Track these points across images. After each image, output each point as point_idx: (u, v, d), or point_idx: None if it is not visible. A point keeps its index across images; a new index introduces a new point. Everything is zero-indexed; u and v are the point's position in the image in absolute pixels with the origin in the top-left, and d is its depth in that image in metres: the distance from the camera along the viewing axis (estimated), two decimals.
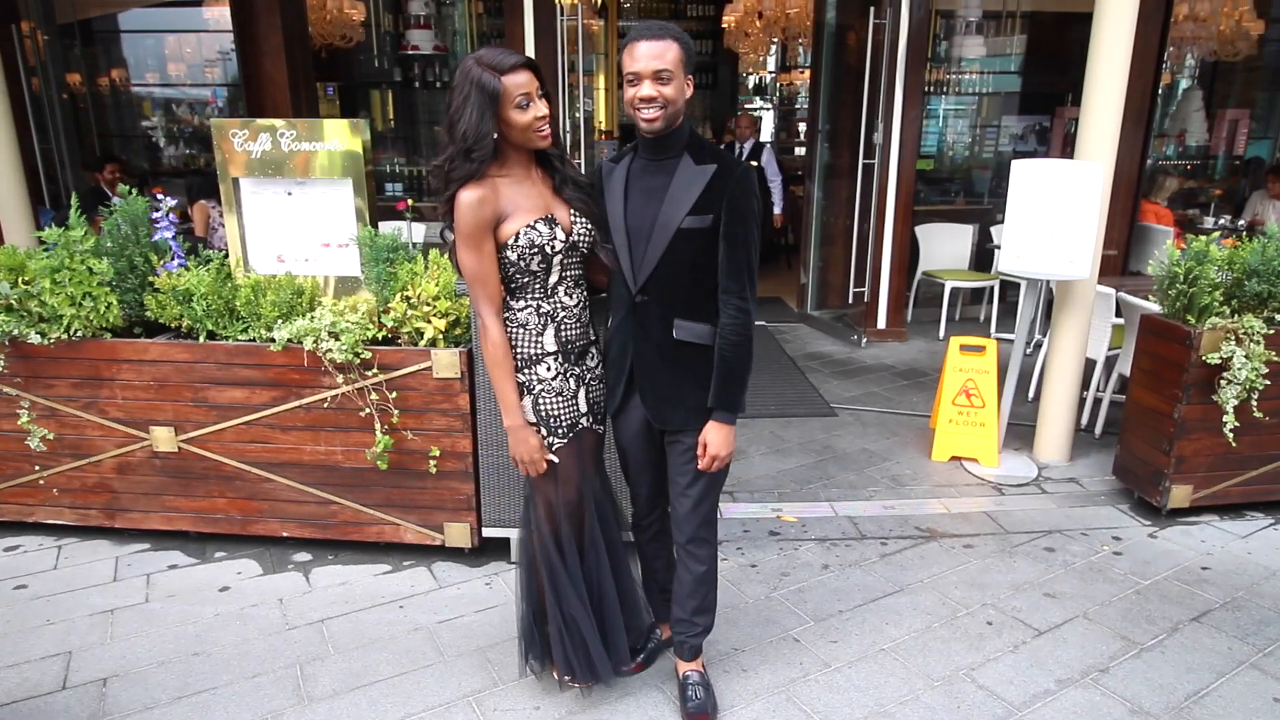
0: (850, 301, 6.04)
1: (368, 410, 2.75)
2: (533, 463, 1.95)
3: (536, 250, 1.85)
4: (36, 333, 2.81)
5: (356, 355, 2.66)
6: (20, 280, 2.87)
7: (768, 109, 11.63)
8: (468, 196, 1.78)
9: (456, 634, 2.50)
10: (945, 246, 6.28)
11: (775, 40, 9.19)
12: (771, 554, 2.98)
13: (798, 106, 11.19)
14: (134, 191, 2.96)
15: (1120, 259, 5.77)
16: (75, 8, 7.67)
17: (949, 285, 5.89)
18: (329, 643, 2.46)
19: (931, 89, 6.69)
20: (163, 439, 2.92)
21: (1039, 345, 4.83)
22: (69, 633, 2.52)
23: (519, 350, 1.94)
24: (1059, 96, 6.79)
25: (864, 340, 5.77)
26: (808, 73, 8.95)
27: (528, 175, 1.90)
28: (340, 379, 2.72)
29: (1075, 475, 3.67)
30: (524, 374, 1.95)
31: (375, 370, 2.71)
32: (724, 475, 2.08)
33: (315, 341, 2.66)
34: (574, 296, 1.97)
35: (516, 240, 1.84)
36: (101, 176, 5.90)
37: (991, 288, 6.07)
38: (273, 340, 2.69)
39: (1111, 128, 3.41)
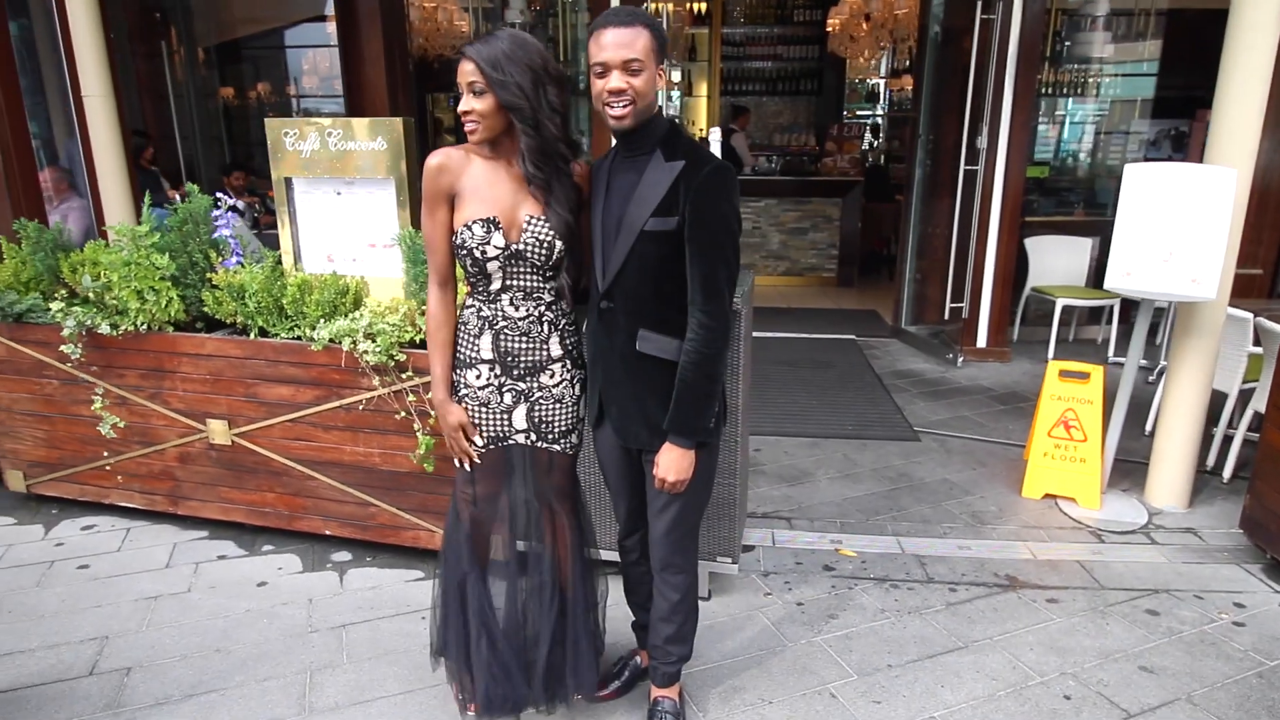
0: (947, 317, 5.61)
1: (404, 413, 2.70)
2: (452, 438, 1.93)
3: (465, 252, 1.79)
4: (109, 324, 2.93)
5: (391, 358, 2.62)
6: (103, 273, 3.01)
7: (878, 116, 11.13)
8: (433, 160, 1.79)
9: None
10: (1059, 260, 5.73)
11: (885, 45, 8.76)
12: (822, 592, 2.72)
13: (909, 113, 10.65)
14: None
15: (1268, 279, 5.07)
16: (217, 29, 8.34)
17: (1060, 303, 5.35)
18: (345, 650, 2.41)
19: (1050, 91, 6.14)
20: (218, 431, 2.99)
21: (1164, 372, 4.29)
22: (111, 617, 2.59)
23: (458, 351, 1.92)
24: (1200, 100, 6.06)
25: (960, 359, 5.33)
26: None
27: (508, 164, 1.81)
28: (376, 381, 2.68)
29: (1193, 525, 3.19)
30: (456, 374, 1.93)
31: (410, 373, 2.65)
32: (702, 500, 1.92)
33: (353, 342, 2.64)
34: (521, 309, 1.86)
35: (455, 236, 1.80)
36: (230, 182, 6.37)
37: (1110, 307, 5.48)
38: (312, 339, 2.69)
39: (1250, 128, 2.95)
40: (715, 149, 2.53)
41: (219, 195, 2.94)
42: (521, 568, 2.00)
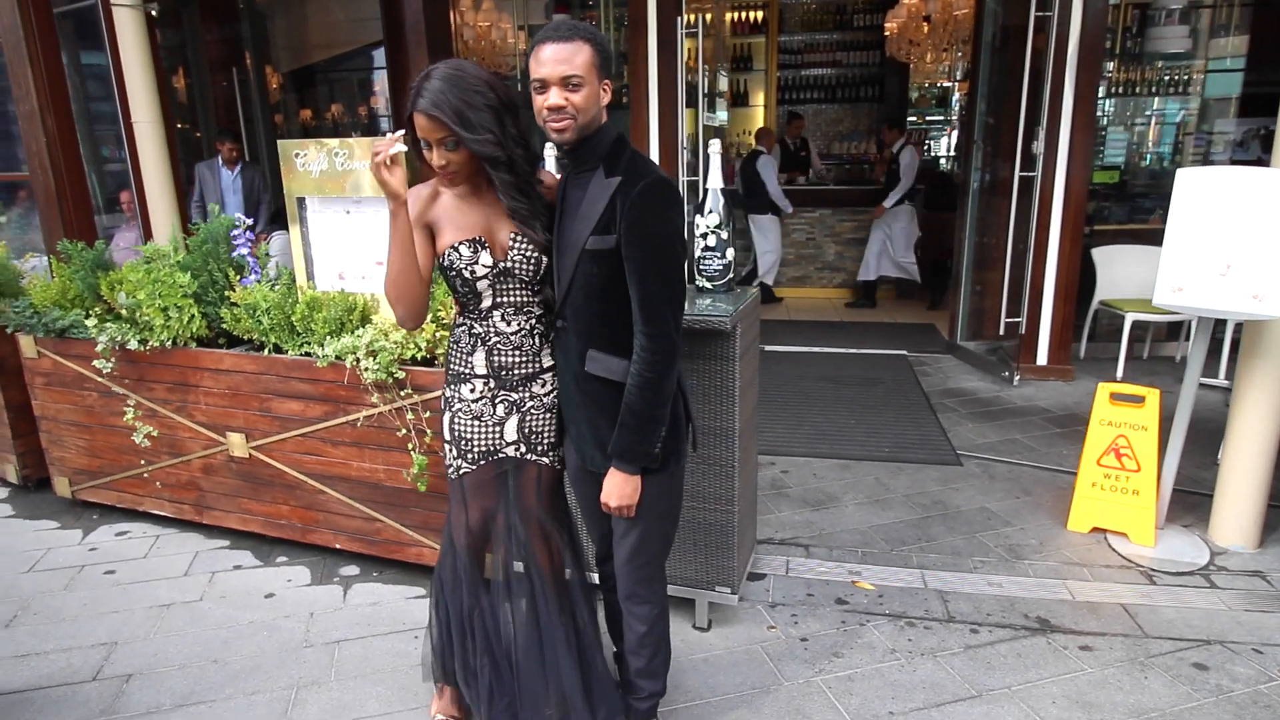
0: (1003, 332, 5.30)
1: (404, 430, 2.70)
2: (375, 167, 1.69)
3: (455, 274, 1.79)
4: (138, 340, 3.05)
5: (390, 375, 2.62)
6: (137, 292, 3.14)
7: (946, 120, 10.71)
8: (409, 195, 1.78)
9: None
10: (1131, 272, 5.34)
11: (946, 48, 8.44)
12: (830, 627, 2.57)
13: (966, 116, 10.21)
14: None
15: None
16: (292, 56, 8.76)
17: (1130, 317, 4.98)
18: (334, 668, 2.41)
19: (1121, 90, 5.76)
20: (236, 444, 3.06)
21: None
22: (125, 623, 2.67)
23: (450, 366, 1.92)
24: None
25: (1016, 377, 5.02)
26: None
27: (476, 190, 1.81)
28: (376, 398, 2.69)
29: (1262, 568, 2.87)
30: (449, 389, 1.92)
31: (409, 390, 2.65)
32: (665, 529, 1.84)
33: (356, 359, 2.66)
34: (513, 324, 1.85)
35: (442, 259, 1.80)
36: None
37: (1189, 321, 5.07)
38: (318, 356, 2.72)
39: None
40: (715, 163, 2.43)
41: (238, 215, 3.02)
42: (518, 589, 1.95)
